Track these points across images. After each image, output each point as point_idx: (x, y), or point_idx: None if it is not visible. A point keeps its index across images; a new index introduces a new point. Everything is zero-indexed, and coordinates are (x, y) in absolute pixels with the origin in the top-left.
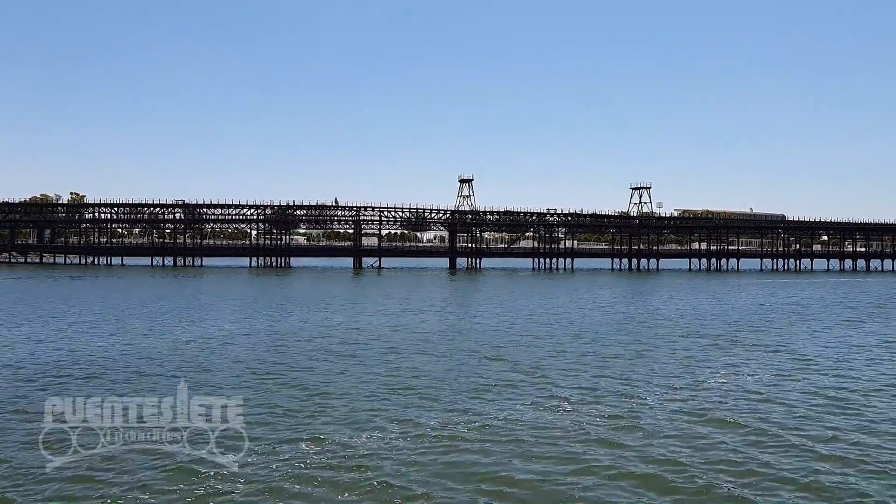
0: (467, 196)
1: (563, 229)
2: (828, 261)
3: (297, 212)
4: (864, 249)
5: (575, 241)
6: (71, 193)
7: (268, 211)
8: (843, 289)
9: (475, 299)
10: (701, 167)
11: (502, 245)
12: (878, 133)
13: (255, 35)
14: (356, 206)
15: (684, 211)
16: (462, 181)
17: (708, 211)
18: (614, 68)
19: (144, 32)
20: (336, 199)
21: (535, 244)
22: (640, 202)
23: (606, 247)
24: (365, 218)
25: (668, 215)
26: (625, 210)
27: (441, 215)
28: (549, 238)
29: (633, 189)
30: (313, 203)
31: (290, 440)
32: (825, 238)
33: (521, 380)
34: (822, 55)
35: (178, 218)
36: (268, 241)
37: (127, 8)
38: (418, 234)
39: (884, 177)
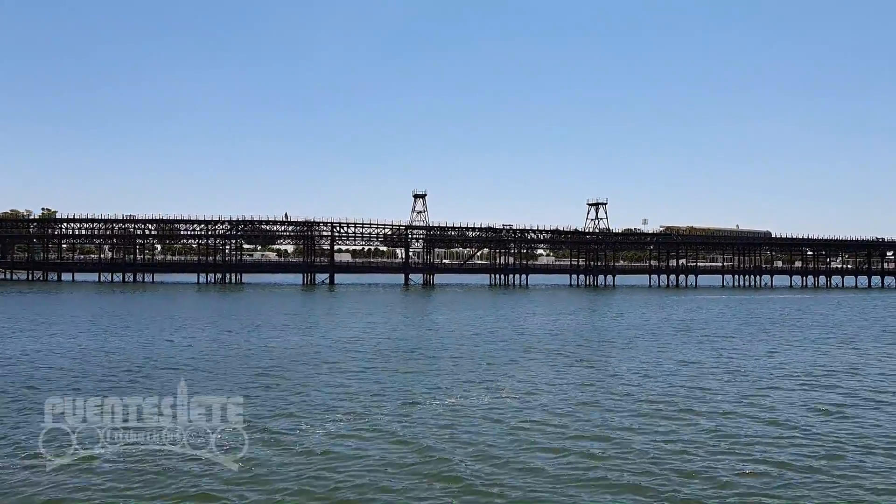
0: (421, 211)
1: (521, 245)
2: (790, 276)
3: (246, 227)
4: (823, 266)
5: (547, 254)
6: (43, 209)
7: (217, 227)
8: (749, 306)
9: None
10: (690, 186)
11: (457, 261)
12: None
13: (224, 58)
14: (307, 221)
15: (668, 227)
16: (416, 196)
17: (692, 227)
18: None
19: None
20: (286, 213)
21: (494, 260)
22: (597, 217)
23: (565, 262)
24: (316, 233)
25: (651, 231)
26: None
27: (395, 230)
28: (504, 254)
29: (589, 205)
30: (262, 218)
31: (290, 440)
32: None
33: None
34: (810, 76)
35: (126, 233)
36: (219, 257)
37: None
38: (397, 251)
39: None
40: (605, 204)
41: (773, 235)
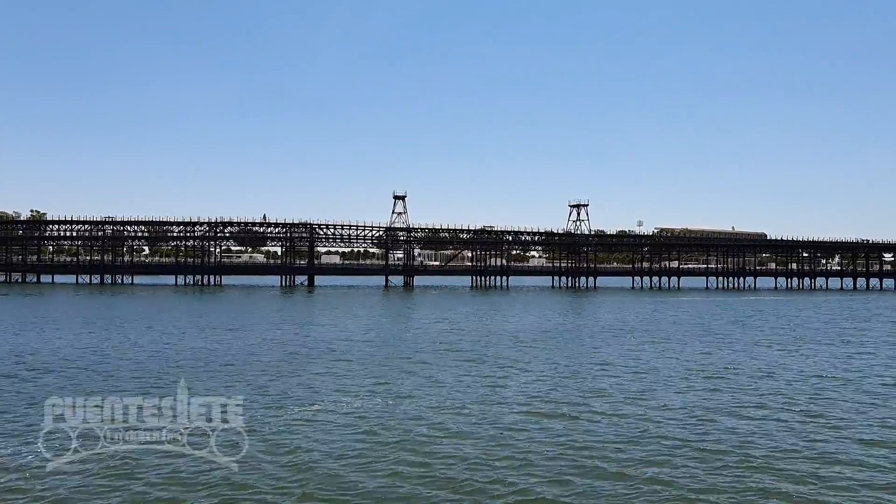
0: (401, 213)
1: (501, 247)
2: (775, 279)
3: (226, 229)
4: (808, 268)
5: (539, 256)
6: (32, 210)
7: (196, 228)
8: (714, 309)
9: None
10: (689, 188)
11: (436, 262)
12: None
13: (206, 61)
14: (287, 223)
15: (663, 229)
16: (396, 198)
17: (686, 229)
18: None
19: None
20: (265, 215)
21: (476, 262)
22: (579, 219)
23: (547, 264)
24: (296, 235)
25: (646, 234)
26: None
27: (375, 232)
28: (487, 256)
29: (571, 206)
30: (241, 220)
31: (290, 440)
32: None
33: None
34: (807, 78)
35: (106, 235)
36: (197, 259)
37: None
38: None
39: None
40: (587, 205)
41: (768, 237)
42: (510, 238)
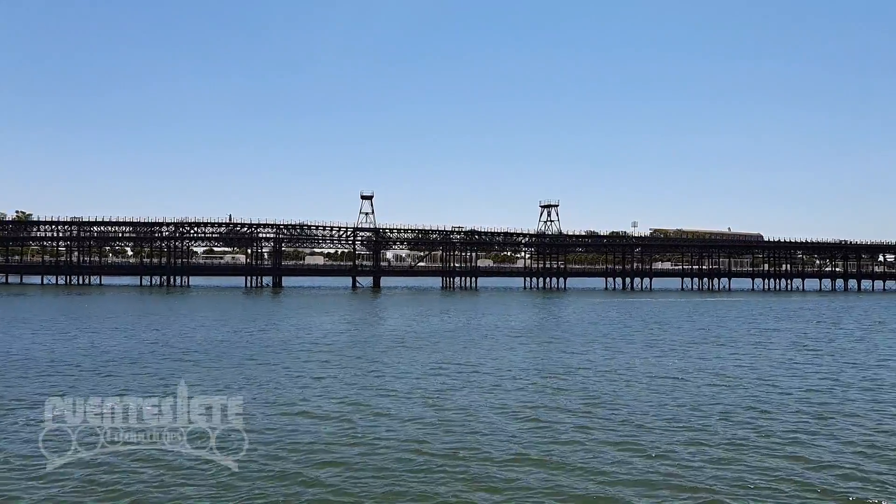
0: (368, 213)
1: (466, 248)
2: (752, 280)
3: (193, 229)
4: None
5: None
6: (17, 212)
7: (163, 229)
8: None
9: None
10: (682, 191)
11: (407, 263)
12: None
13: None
14: (252, 223)
15: (656, 230)
16: (364, 198)
17: (680, 230)
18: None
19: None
20: (230, 215)
21: (446, 263)
22: (549, 219)
23: (518, 265)
24: (262, 235)
25: (642, 234)
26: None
27: (343, 233)
28: (457, 257)
29: (542, 207)
30: (206, 220)
31: (290, 440)
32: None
33: None
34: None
35: (73, 235)
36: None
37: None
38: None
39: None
40: (557, 206)
41: (764, 238)
42: (478, 238)
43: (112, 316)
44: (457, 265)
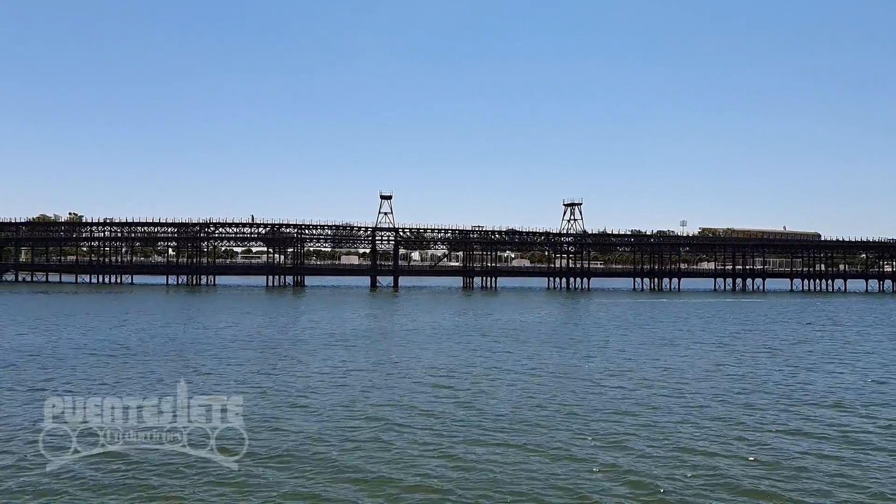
0: (387, 213)
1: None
2: (791, 280)
3: (215, 229)
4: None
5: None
6: (70, 213)
7: (189, 229)
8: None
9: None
10: (735, 188)
11: (427, 262)
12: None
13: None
14: (273, 224)
15: (705, 229)
16: (383, 197)
17: (730, 229)
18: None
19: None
20: (252, 215)
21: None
22: (573, 218)
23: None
24: (284, 235)
25: (688, 234)
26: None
27: (363, 232)
28: (478, 257)
29: (565, 205)
30: (229, 220)
31: (290, 440)
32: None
33: None
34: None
35: (105, 236)
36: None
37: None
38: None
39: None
40: (580, 204)
41: (822, 238)
42: (496, 237)
43: (141, 311)
44: (476, 265)
